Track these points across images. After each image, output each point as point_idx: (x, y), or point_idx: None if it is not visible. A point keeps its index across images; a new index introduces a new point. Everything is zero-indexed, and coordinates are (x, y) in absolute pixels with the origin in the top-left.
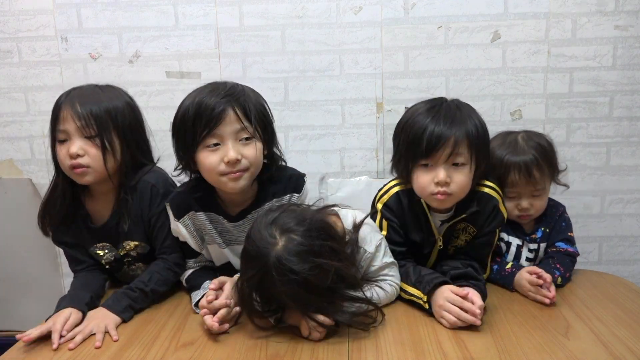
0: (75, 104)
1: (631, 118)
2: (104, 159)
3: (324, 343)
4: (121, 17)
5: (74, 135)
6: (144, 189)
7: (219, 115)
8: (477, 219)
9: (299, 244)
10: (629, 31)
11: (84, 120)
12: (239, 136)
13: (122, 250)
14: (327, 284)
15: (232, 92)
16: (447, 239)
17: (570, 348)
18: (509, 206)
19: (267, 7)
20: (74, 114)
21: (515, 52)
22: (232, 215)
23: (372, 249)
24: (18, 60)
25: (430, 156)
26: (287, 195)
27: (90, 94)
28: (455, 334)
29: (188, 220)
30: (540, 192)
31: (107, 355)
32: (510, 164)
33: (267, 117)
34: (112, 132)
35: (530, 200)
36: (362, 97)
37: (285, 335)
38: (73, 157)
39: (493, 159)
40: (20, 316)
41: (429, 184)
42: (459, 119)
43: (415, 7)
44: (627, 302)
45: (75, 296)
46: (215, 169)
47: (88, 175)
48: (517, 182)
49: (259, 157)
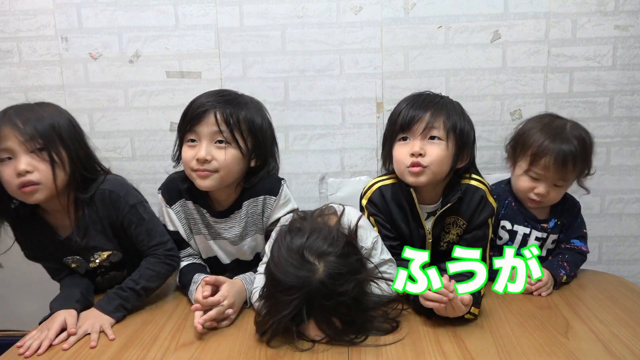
0: (16, 121)
1: (631, 118)
2: (54, 173)
3: (324, 343)
4: (121, 17)
5: (19, 151)
6: (103, 198)
7: (201, 114)
8: (465, 210)
9: (341, 266)
10: (629, 31)
11: (27, 135)
12: (214, 138)
13: (92, 263)
14: (365, 296)
15: (224, 99)
16: (438, 234)
17: (570, 348)
18: (525, 185)
19: (267, 7)
20: (15, 130)
21: (515, 52)
22: (215, 211)
23: (369, 245)
24: (18, 60)
25: (407, 129)
26: (261, 196)
27: (29, 111)
28: (455, 334)
29: (179, 207)
30: (562, 184)
31: (107, 355)
32: (549, 148)
33: (255, 130)
34: (59, 145)
35: (550, 189)
36: (362, 97)
37: (286, 335)
38: (22, 174)
39: (530, 138)
40: (20, 316)
41: (405, 157)
42: (438, 102)
43: (415, 7)
44: (627, 302)
45: (66, 295)
46: (189, 164)
47: (38, 192)
48: (548, 167)
49: (230, 163)
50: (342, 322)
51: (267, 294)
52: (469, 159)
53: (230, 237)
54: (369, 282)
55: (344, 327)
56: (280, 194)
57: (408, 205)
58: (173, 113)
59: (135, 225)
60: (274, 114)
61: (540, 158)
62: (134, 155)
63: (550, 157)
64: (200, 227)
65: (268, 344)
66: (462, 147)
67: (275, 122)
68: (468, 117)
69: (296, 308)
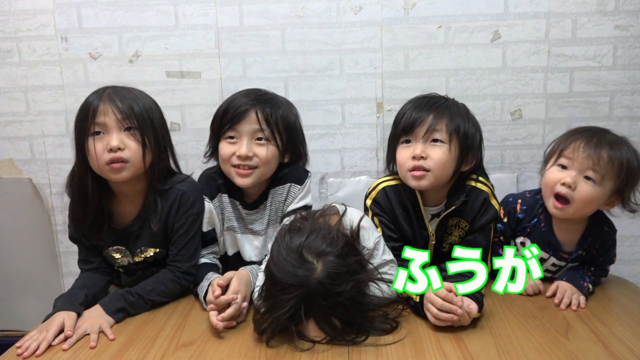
0: (114, 99)
1: (631, 118)
2: (143, 153)
3: (324, 343)
4: (121, 16)
5: (113, 128)
6: (175, 196)
7: (242, 114)
8: (468, 213)
9: (339, 266)
10: (629, 31)
11: (124, 114)
12: (254, 136)
13: (137, 256)
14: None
15: (262, 99)
16: (441, 235)
17: (570, 348)
18: (553, 176)
19: (267, 7)
20: (114, 107)
21: (515, 52)
22: (247, 203)
23: (370, 246)
24: (18, 60)
25: (409, 132)
26: (287, 184)
27: (127, 91)
28: (455, 334)
29: (217, 201)
30: (594, 178)
31: (107, 355)
32: (583, 135)
33: (290, 128)
34: (150, 129)
35: (578, 180)
36: (362, 97)
37: (285, 335)
38: (114, 150)
39: (566, 138)
40: (20, 316)
41: (407, 160)
42: (442, 104)
43: (415, 7)
44: (627, 302)
45: (71, 296)
46: (228, 159)
47: (125, 170)
48: (578, 149)
49: (271, 159)
50: (341, 322)
51: (266, 293)
52: (474, 161)
53: (258, 227)
54: (367, 283)
55: (343, 326)
56: (305, 185)
57: (412, 206)
58: (173, 113)
59: (183, 231)
60: None
61: (571, 143)
62: None
63: (582, 140)
64: (233, 220)
65: (267, 344)
66: (467, 149)
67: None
68: (474, 119)
69: (294, 307)
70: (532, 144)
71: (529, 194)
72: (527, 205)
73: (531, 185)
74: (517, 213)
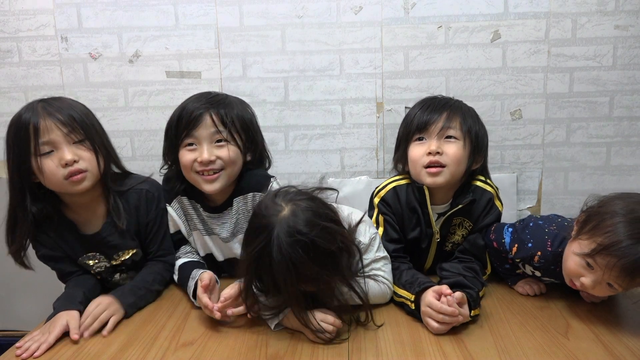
0: (53, 113)
1: (631, 118)
2: (97, 160)
3: (326, 340)
4: (121, 16)
5: (62, 143)
6: (139, 197)
7: (197, 118)
8: (473, 212)
9: (307, 208)
10: (629, 31)
11: (69, 126)
12: (213, 139)
13: (115, 260)
14: (332, 250)
15: (214, 100)
16: (444, 234)
17: (570, 348)
18: (574, 269)
19: (267, 7)
20: (56, 121)
21: (515, 52)
22: (210, 207)
23: (366, 241)
24: (18, 60)
25: (423, 130)
26: (250, 194)
27: (59, 102)
28: (455, 334)
29: (177, 204)
30: (616, 289)
31: (107, 355)
32: (624, 252)
33: (247, 125)
34: (95, 134)
35: (599, 285)
36: (362, 97)
37: (285, 335)
38: (69, 163)
39: (608, 225)
40: (20, 316)
41: (422, 156)
42: (453, 104)
43: (415, 7)
44: (628, 302)
45: (69, 296)
46: (191, 167)
47: (87, 180)
48: (611, 268)
49: (234, 159)
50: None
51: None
52: (482, 162)
53: (223, 234)
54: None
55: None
56: (268, 192)
57: (419, 205)
58: None
59: (157, 228)
60: (274, 114)
61: (607, 255)
62: (134, 155)
63: (619, 261)
64: (196, 222)
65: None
66: (477, 149)
67: (275, 122)
68: (482, 122)
69: (260, 243)
70: (532, 144)
71: (550, 246)
72: (545, 259)
73: (530, 185)
74: (533, 262)
